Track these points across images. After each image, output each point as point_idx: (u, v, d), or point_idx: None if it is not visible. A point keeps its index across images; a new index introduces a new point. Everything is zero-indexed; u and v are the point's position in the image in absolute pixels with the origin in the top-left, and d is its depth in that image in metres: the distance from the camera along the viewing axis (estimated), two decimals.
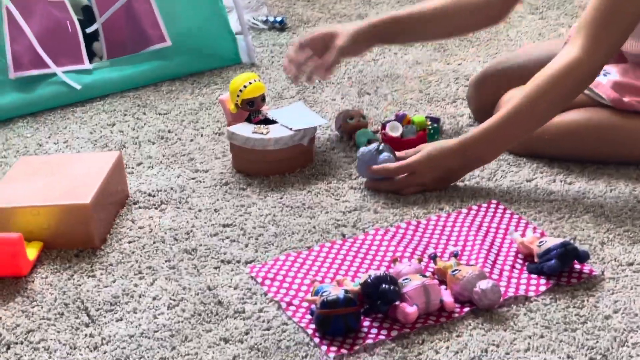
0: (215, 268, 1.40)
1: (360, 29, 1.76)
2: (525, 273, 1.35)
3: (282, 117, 1.71)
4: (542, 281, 1.32)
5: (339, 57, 1.74)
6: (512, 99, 1.56)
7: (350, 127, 1.79)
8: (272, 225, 1.51)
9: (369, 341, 1.21)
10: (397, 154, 1.62)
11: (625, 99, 1.64)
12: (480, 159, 1.60)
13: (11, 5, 1.98)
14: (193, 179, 1.68)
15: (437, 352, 1.19)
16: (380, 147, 1.60)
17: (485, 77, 1.85)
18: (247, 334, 1.24)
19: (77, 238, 1.45)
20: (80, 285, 1.36)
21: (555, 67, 1.52)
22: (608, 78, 1.66)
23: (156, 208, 1.58)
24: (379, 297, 1.23)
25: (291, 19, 2.54)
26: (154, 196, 1.62)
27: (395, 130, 1.74)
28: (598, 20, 1.50)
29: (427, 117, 1.80)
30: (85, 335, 1.25)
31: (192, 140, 1.84)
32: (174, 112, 1.98)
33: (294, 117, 1.71)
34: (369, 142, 1.73)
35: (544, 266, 1.33)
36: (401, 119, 1.76)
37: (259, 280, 1.35)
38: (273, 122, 1.70)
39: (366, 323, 1.25)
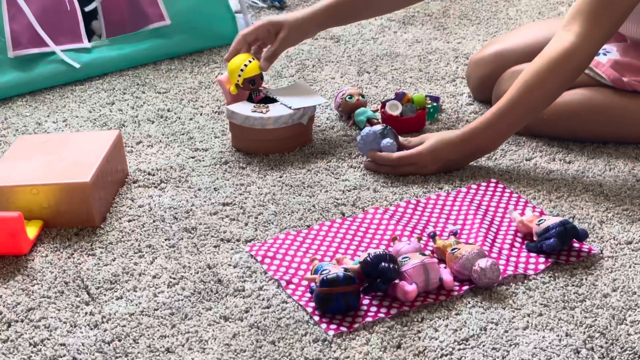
0: (215, 247, 1.40)
1: (305, 18, 1.73)
2: (525, 252, 1.35)
3: (282, 95, 1.71)
4: (541, 260, 1.33)
5: (281, 49, 1.73)
6: (510, 86, 1.55)
7: (350, 106, 1.78)
8: (272, 204, 1.51)
9: (369, 319, 1.22)
10: (400, 139, 1.61)
11: (625, 79, 1.64)
12: (482, 149, 1.60)
13: None
14: (192, 157, 1.68)
15: (436, 330, 1.20)
16: (385, 131, 1.59)
17: (484, 56, 1.84)
18: (246, 312, 1.25)
19: (77, 217, 1.45)
20: (80, 263, 1.37)
21: (551, 54, 1.51)
22: (608, 57, 1.66)
23: (156, 187, 1.58)
24: (378, 275, 1.24)
25: None
26: (153, 175, 1.62)
27: (395, 109, 1.74)
28: (593, 6, 1.49)
29: (426, 96, 1.80)
30: (86, 313, 1.26)
31: (191, 119, 1.84)
32: (173, 90, 1.98)
33: (294, 96, 1.71)
34: (368, 120, 1.73)
35: (543, 245, 1.33)
36: (401, 97, 1.76)
37: (259, 258, 1.36)
38: (273, 100, 1.70)
39: (366, 301, 1.25)
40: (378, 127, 1.60)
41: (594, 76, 1.66)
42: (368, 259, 1.25)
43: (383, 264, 1.24)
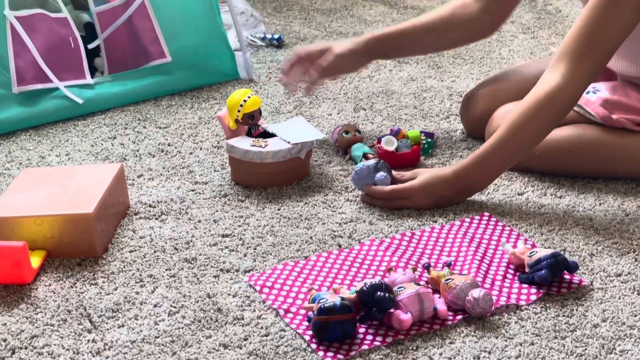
0: (215, 277, 1.43)
1: (353, 47, 1.83)
2: (517, 282, 1.38)
3: (281, 130, 1.75)
4: (533, 290, 1.36)
5: (324, 75, 1.81)
6: (499, 126, 1.58)
7: (346, 141, 1.83)
8: (270, 235, 1.54)
9: (365, 347, 1.24)
10: (394, 173, 1.65)
11: (614, 116, 1.67)
12: (473, 188, 1.62)
13: (15, 21, 2.02)
14: (192, 190, 1.71)
15: (430, 358, 1.22)
16: (378, 165, 1.63)
17: (478, 94, 1.88)
18: (245, 339, 1.27)
19: (79, 247, 1.48)
20: (82, 292, 1.40)
21: (537, 96, 1.54)
22: (597, 95, 1.70)
23: (156, 218, 1.61)
24: (374, 304, 1.26)
25: (288, 36, 2.58)
26: (154, 207, 1.65)
27: (390, 145, 1.77)
28: (578, 47, 1.52)
29: (421, 132, 1.84)
30: (88, 340, 1.28)
31: (191, 153, 1.88)
32: (173, 125, 2.02)
33: (292, 130, 1.75)
34: (364, 156, 1.77)
35: (535, 276, 1.36)
36: (396, 133, 1.80)
37: (257, 288, 1.39)
38: (272, 135, 1.74)
39: (362, 330, 1.28)
40: (372, 162, 1.64)
41: (584, 114, 1.70)
42: (364, 288, 1.28)
43: (379, 293, 1.26)
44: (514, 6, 1.84)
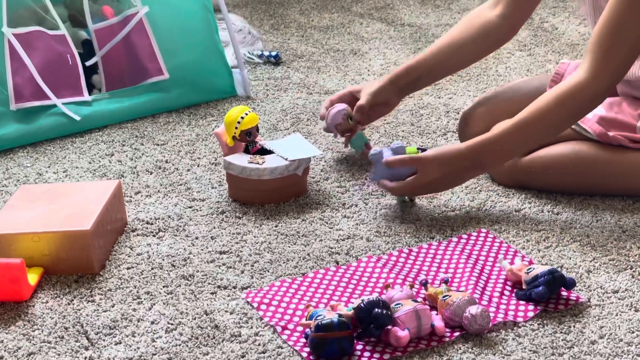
0: (212, 293, 1.43)
1: (381, 85, 1.86)
2: (514, 299, 1.39)
3: (278, 147, 1.75)
4: (530, 307, 1.36)
5: (368, 101, 1.83)
6: (522, 110, 1.61)
7: (349, 127, 1.83)
8: (268, 252, 1.54)
9: None
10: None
11: (611, 133, 1.68)
12: (483, 165, 1.64)
13: (13, 38, 2.03)
14: (190, 207, 1.71)
15: None
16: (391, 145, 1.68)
17: (475, 113, 1.89)
18: (243, 357, 1.27)
19: (76, 264, 1.48)
20: (80, 309, 1.39)
21: (561, 88, 1.57)
22: (594, 112, 1.70)
23: (154, 235, 1.61)
24: (371, 321, 1.26)
25: (285, 53, 2.59)
26: (151, 224, 1.65)
27: None
28: (603, 43, 1.54)
29: (418, 149, 1.83)
30: (85, 358, 1.28)
31: (189, 170, 1.88)
32: (171, 142, 2.02)
33: (290, 147, 1.75)
34: (366, 145, 1.78)
35: (532, 293, 1.36)
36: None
37: (255, 305, 1.39)
38: (269, 152, 1.75)
39: (359, 346, 1.28)
40: (383, 147, 1.68)
41: (581, 131, 1.70)
42: (362, 305, 1.28)
43: (376, 310, 1.26)
44: (532, 8, 1.85)
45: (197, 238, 1.60)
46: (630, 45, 1.54)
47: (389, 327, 1.27)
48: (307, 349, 1.27)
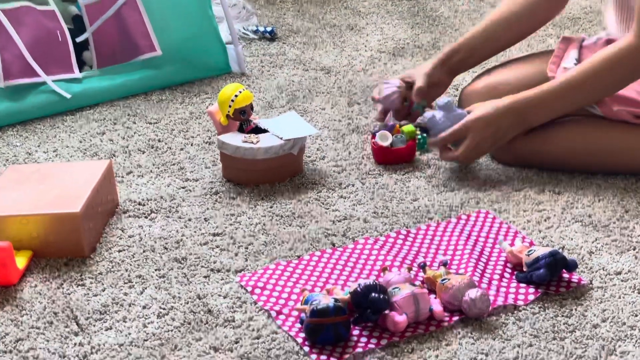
0: (205, 277, 1.40)
1: (433, 65, 1.83)
2: (514, 282, 1.36)
3: (273, 126, 1.71)
4: (531, 290, 1.33)
5: (425, 82, 1.81)
6: (571, 70, 1.62)
7: (405, 111, 1.85)
8: (262, 234, 1.51)
9: (359, 350, 1.22)
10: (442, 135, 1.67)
11: (615, 108, 1.66)
12: (529, 121, 1.64)
13: (1, 14, 1.99)
14: (183, 188, 1.68)
15: None
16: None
17: (475, 88, 1.86)
18: (236, 342, 1.25)
19: (66, 247, 1.45)
20: (69, 294, 1.36)
21: (610, 51, 1.57)
22: None
23: (146, 217, 1.58)
24: (368, 305, 1.24)
25: (281, 29, 2.55)
26: (143, 205, 1.62)
27: (385, 140, 1.74)
28: None
29: (416, 127, 1.81)
30: (75, 344, 1.25)
31: (182, 149, 1.84)
32: (163, 121, 1.98)
33: (285, 126, 1.71)
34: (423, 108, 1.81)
35: (533, 275, 1.33)
36: (391, 128, 1.77)
37: (249, 289, 1.36)
38: (264, 131, 1.71)
39: (356, 332, 1.25)
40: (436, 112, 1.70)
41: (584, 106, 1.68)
42: (358, 289, 1.25)
43: (373, 294, 1.24)
44: None
45: (190, 219, 1.56)
46: None
47: (387, 311, 1.25)
48: (303, 335, 1.24)
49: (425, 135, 1.80)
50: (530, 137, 1.69)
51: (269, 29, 2.49)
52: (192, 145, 1.86)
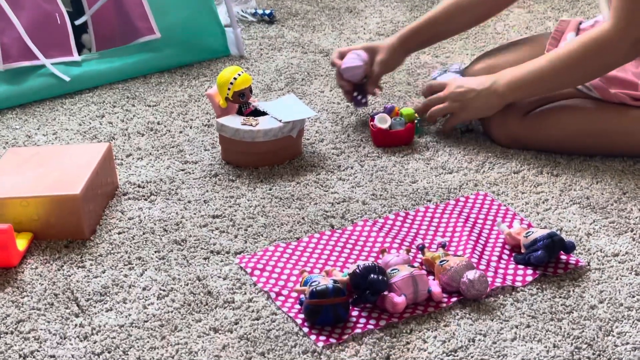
0: (205, 259, 1.40)
1: (392, 53, 1.84)
2: (512, 264, 1.36)
3: (272, 109, 1.71)
4: (529, 271, 1.34)
5: (381, 72, 1.84)
6: (549, 53, 1.66)
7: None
8: (261, 216, 1.52)
9: (358, 331, 1.22)
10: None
11: (612, 91, 1.66)
12: (499, 94, 1.67)
13: None
14: (182, 170, 1.68)
15: (424, 342, 1.20)
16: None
17: (475, 70, 1.86)
18: (236, 323, 1.25)
19: (66, 229, 1.45)
20: (70, 275, 1.37)
21: (586, 38, 1.58)
22: None
23: (145, 199, 1.58)
24: (367, 287, 1.24)
25: (280, 11, 2.54)
26: (143, 187, 1.62)
27: (384, 122, 1.75)
28: (628, 3, 1.53)
29: (415, 109, 1.81)
30: (75, 325, 1.26)
31: (181, 132, 1.85)
32: (163, 104, 1.98)
33: (284, 109, 1.72)
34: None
35: (531, 257, 1.34)
36: (389, 111, 1.77)
37: (248, 270, 1.36)
38: (263, 113, 1.71)
39: (355, 313, 1.26)
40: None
41: (581, 88, 1.68)
42: (357, 270, 1.26)
43: (372, 275, 1.24)
44: None
45: (189, 202, 1.57)
46: None
47: (385, 293, 1.25)
48: (302, 316, 1.25)
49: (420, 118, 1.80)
50: (529, 120, 1.69)
51: (267, 11, 2.48)
52: (191, 127, 1.86)
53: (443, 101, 1.73)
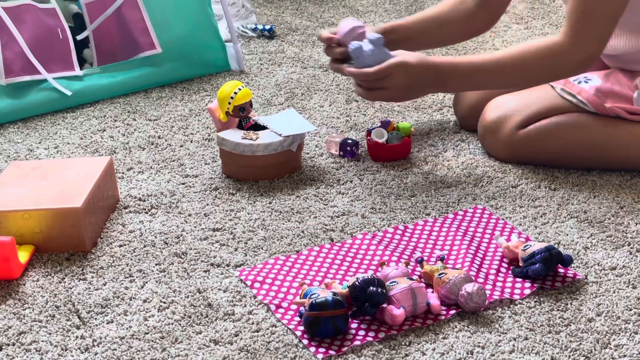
0: (205, 271, 1.41)
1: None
2: (510, 277, 1.37)
3: (272, 123, 1.73)
4: (527, 284, 1.35)
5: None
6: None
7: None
8: (261, 229, 1.53)
9: (357, 343, 1.23)
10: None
11: (607, 105, 1.67)
12: (445, 86, 1.68)
13: (2, 12, 1.99)
14: (183, 184, 1.69)
15: (423, 354, 1.21)
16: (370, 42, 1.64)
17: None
18: (236, 335, 1.26)
19: (68, 242, 1.46)
20: (71, 288, 1.38)
21: (540, 46, 1.59)
22: (590, 84, 1.69)
23: (146, 212, 1.59)
24: (366, 299, 1.25)
25: (280, 27, 2.56)
26: (144, 201, 1.63)
27: (380, 136, 1.76)
28: (580, 8, 1.55)
29: (412, 125, 1.82)
30: (77, 337, 1.27)
31: (181, 145, 1.86)
32: (163, 118, 2.00)
33: (284, 123, 1.73)
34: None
35: (529, 270, 1.35)
36: (386, 125, 1.78)
37: (248, 283, 1.37)
38: (263, 127, 1.72)
39: (354, 325, 1.27)
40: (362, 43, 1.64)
41: (578, 103, 1.69)
42: (357, 283, 1.26)
43: (371, 288, 1.25)
44: (509, 0, 1.84)
45: (190, 215, 1.58)
46: (608, 12, 1.55)
47: (384, 305, 1.26)
48: (301, 328, 1.26)
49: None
50: (526, 134, 1.70)
51: (267, 27, 2.50)
52: (191, 141, 1.88)
53: (387, 88, 1.63)
